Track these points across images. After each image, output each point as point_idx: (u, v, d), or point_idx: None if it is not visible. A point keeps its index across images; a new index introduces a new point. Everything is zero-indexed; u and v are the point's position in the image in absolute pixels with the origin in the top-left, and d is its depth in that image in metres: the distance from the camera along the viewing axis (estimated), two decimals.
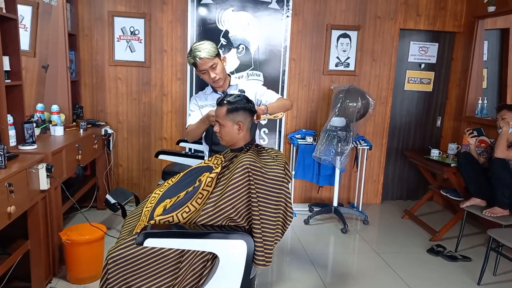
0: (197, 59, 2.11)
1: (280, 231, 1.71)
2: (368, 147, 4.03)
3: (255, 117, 1.87)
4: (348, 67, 4.22)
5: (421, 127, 4.60)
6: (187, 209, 1.70)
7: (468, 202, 3.22)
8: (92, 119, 3.81)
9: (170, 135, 4.10)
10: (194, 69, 3.86)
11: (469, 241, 3.54)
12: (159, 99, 4.02)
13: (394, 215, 4.23)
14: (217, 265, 1.60)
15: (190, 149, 3.89)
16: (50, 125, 3.18)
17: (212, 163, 1.90)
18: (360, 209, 4.17)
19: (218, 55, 2.20)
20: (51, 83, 3.46)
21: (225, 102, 1.74)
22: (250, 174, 1.62)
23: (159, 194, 1.98)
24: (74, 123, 3.51)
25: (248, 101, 1.78)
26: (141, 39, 3.88)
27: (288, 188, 1.69)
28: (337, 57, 4.19)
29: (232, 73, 4.03)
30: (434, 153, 3.87)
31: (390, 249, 3.36)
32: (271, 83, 3.98)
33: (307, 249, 3.25)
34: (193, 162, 3.01)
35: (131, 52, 3.90)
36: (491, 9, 3.71)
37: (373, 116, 4.27)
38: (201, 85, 3.97)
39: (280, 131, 4.13)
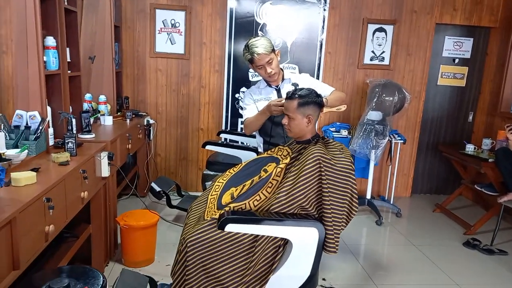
0: (255, 55, 2.18)
1: (345, 219, 1.79)
2: (402, 141, 4.07)
3: None
4: (383, 61, 4.25)
5: (453, 121, 4.62)
6: (258, 197, 1.80)
7: (506, 197, 3.26)
8: (134, 109, 3.92)
9: (206, 126, 4.19)
10: (231, 62, 3.96)
11: (503, 236, 3.59)
12: (197, 90, 4.11)
13: (425, 209, 4.28)
14: (289, 251, 1.69)
15: (225, 139, 3.99)
16: (99, 114, 3.29)
17: (277, 154, 1.98)
18: (392, 202, 4.23)
19: (273, 50, 2.26)
20: (97, 74, 3.57)
21: (296, 96, 1.82)
22: (322, 165, 1.70)
23: (222, 182, 2.08)
24: (119, 113, 3.63)
25: (317, 95, 1.86)
26: (181, 32, 3.96)
27: (354, 179, 1.77)
28: (372, 51, 4.22)
29: None
30: (469, 148, 3.91)
31: (425, 241, 3.43)
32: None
33: (345, 240, 3.34)
34: (237, 153, 3.11)
35: (172, 44, 3.98)
36: None
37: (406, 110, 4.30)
38: (238, 78, 4.07)
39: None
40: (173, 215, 3.61)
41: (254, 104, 2.38)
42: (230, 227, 1.61)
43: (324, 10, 4.03)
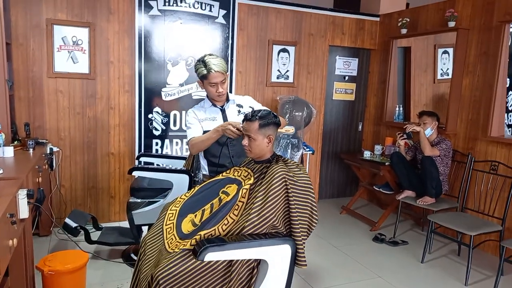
0: (212, 71, 2.16)
1: (307, 232, 1.89)
2: (311, 152, 4.42)
3: None
4: (288, 79, 4.58)
5: (346, 131, 5.20)
6: (226, 221, 1.78)
7: (403, 194, 3.81)
8: (34, 137, 3.44)
9: (118, 150, 3.91)
10: (143, 82, 3.79)
11: (402, 227, 4.17)
12: (106, 112, 3.81)
13: (333, 212, 4.70)
14: (263, 272, 1.71)
15: (140, 162, 3.81)
16: None
17: (234, 175, 1.99)
18: None
19: (226, 71, 2.27)
20: None
21: (257, 117, 1.86)
22: (287, 183, 1.77)
23: (176, 210, 1.99)
24: (16, 142, 3.14)
25: (275, 115, 1.93)
26: (84, 50, 3.64)
27: (313, 193, 1.88)
28: (278, 70, 4.51)
29: (182, 85, 4.05)
30: (367, 154, 4.45)
31: (343, 242, 3.77)
32: None
33: None
34: (168, 177, 2.98)
35: (74, 63, 3.63)
36: (404, 31, 4.44)
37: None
38: (150, 98, 3.92)
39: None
40: (91, 251, 3.25)
41: (199, 123, 2.33)
42: (210, 256, 1.56)
43: (233, 31, 4.17)
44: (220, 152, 2.24)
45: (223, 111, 2.35)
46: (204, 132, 2.27)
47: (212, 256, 1.57)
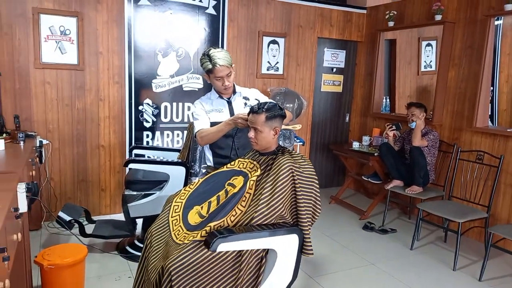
0: (217, 65, 2.15)
1: (310, 222, 1.93)
2: (301, 143, 4.47)
3: None
4: (278, 71, 4.59)
5: (334, 123, 5.28)
6: (234, 213, 1.80)
7: (392, 184, 3.92)
8: (23, 130, 3.35)
9: (108, 143, 3.85)
10: (133, 73, 3.74)
11: (390, 216, 4.29)
12: (95, 104, 3.74)
13: (322, 202, 4.66)
14: (272, 262, 1.74)
15: (131, 155, 3.76)
16: None
17: (239, 167, 2.00)
18: None
19: (231, 64, 2.26)
20: None
21: (263, 110, 1.88)
22: (294, 174, 1.80)
23: (181, 202, 2.00)
24: (5, 135, 3.05)
25: (280, 108, 1.95)
26: (73, 40, 3.55)
27: (317, 184, 1.93)
28: (268, 62, 4.52)
29: (172, 76, 4.01)
30: (355, 145, 4.53)
31: (334, 231, 3.86)
32: (209, 86, 4.08)
33: None
34: (165, 169, 2.97)
35: (62, 53, 3.53)
36: (391, 24, 4.51)
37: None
38: (140, 89, 3.88)
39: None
40: (85, 244, 3.21)
41: (206, 114, 2.33)
42: (222, 247, 1.58)
43: (223, 22, 4.14)
44: (228, 144, 2.25)
45: (229, 103, 2.35)
46: (212, 123, 2.27)
47: (224, 246, 1.59)
